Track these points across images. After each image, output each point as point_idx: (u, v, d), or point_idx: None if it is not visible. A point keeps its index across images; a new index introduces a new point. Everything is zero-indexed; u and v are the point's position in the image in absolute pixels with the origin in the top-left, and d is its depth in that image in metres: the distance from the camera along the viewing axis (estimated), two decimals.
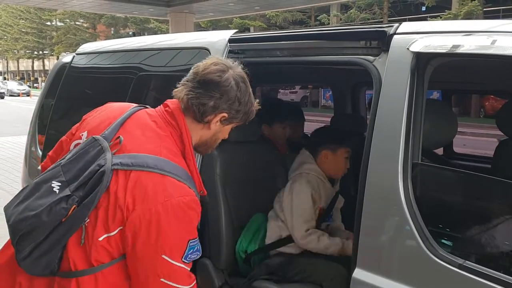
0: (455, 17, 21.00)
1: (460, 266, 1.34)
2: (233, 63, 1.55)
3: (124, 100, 2.53)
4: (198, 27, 31.13)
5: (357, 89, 3.90)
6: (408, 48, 1.52)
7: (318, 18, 30.30)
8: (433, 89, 3.75)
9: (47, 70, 51.91)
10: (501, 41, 1.37)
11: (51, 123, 3.30)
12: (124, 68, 2.84)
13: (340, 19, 30.49)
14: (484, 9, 21.74)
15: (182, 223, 1.36)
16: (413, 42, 1.52)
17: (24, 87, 43.06)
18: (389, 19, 27.48)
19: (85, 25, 42.74)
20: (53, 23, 46.17)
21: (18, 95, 39.45)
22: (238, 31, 2.29)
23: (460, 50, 1.44)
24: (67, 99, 3.22)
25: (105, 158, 1.35)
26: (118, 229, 1.35)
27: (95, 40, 38.01)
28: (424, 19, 24.89)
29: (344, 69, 2.63)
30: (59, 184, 1.35)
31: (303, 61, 2.02)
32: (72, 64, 3.22)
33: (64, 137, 1.66)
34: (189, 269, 1.41)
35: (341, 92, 4.04)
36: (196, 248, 1.41)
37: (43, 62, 53.67)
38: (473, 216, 1.60)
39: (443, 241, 1.53)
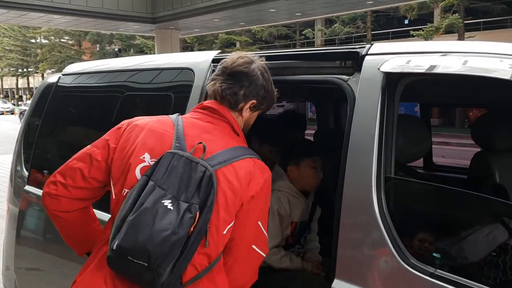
0: (437, 30, 21.47)
1: (432, 275, 1.41)
2: (254, 56, 1.72)
3: (110, 119, 2.59)
4: (184, 43, 31.29)
5: (338, 104, 4.00)
6: (378, 68, 1.61)
7: (303, 32, 30.77)
8: (411, 102, 3.87)
9: (32, 87, 51.55)
10: (471, 61, 1.47)
11: (37, 142, 3.32)
12: (111, 88, 2.89)
13: (325, 33, 30.97)
14: (465, 22, 22.24)
15: (270, 195, 1.62)
16: (383, 62, 1.61)
17: (8, 105, 42.73)
18: (372, 32, 27.99)
19: (70, 42, 42.65)
20: (38, 40, 46.00)
21: (2, 113, 39.14)
22: (221, 51, 2.36)
23: (428, 70, 1.53)
24: (53, 119, 3.26)
25: (204, 164, 1.46)
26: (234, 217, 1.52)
27: (80, 57, 38.02)
28: (407, 32, 25.39)
29: (326, 86, 2.72)
30: (170, 201, 1.42)
31: (284, 80, 2.09)
32: (58, 84, 3.26)
33: (81, 164, 1.66)
34: None
35: (324, 107, 4.15)
36: None
37: (28, 79, 53.28)
38: (443, 227, 1.68)
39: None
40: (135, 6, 18.75)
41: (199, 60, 2.31)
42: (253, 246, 1.57)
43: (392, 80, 1.61)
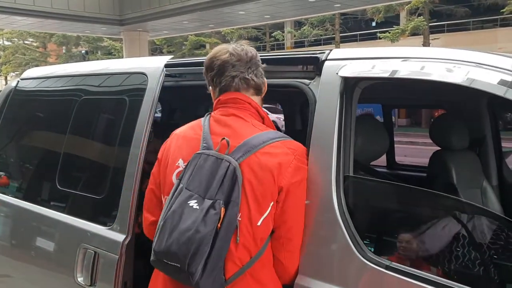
0: (403, 32, 22.04)
1: (387, 267, 1.50)
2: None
3: (67, 123, 2.68)
4: (153, 45, 31.01)
5: (305, 106, 4.09)
6: (337, 73, 1.69)
7: (273, 34, 30.98)
8: (373, 104, 4.02)
9: None
10: (428, 67, 1.56)
11: None
12: (68, 92, 2.92)
13: (294, 36, 31.28)
14: (430, 24, 22.89)
15: (306, 171, 1.62)
16: (341, 67, 1.69)
17: None
18: (340, 35, 28.45)
19: (35, 44, 41.54)
20: (0, 42, 44.61)
21: None
22: (174, 56, 2.43)
23: (383, 74, 1.62)
24: (11, 124, 3.24)
25: (228, 159, 1.49)
26: (270, 205, 1.51)
27: (45, 59, 37.06)
28: (374, 34, 25.93)
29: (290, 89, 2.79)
30: (195, 201, 1.46)
31: None
32: (16, 88, 3.24)
33: (151, 188, 1.78)
34: None
35: (291, 109, 4.24)
36: None
37: None
38: (398, 222, 1.78)
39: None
40: (102, 8, 18.47)
41: (152, 65, 2.38)
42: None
43: (350, 84, 1.69)
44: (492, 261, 1.64)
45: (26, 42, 41.22)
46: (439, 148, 2.89)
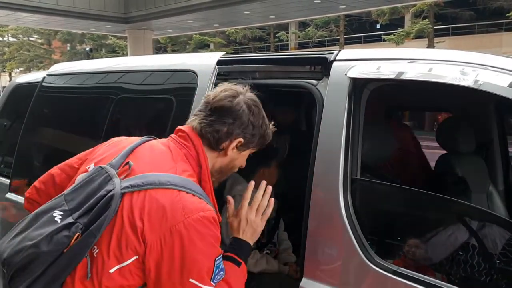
0: (408, 34, 21.98)
1: (395, 272, 1.47)
2: (243, 88, 1.52)
3: (103, 122, 2.52)
4: (157, 44, 31.01)
5: (311, 107, 4.06)
6: (345, 74, 1.67)
7: (277, 35, 30.97)
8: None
9: None
10: (436, 69, 1.54)
11: (20, 146, 3.14)
12: (103, 90, 2.76)
13: (299, 37, 31.23)
14: (435, 27, 22.82)
15: (206, 240, 1.28)
16: (350, 68, 1.67)
17: None
18: (345, 36, 28.39)
19: (39, 41, 41.63)
20: (5, 38, 44.71)
21: None
22: (226, 53, 2.27)
23: (393, 76, 1.59)
24: (38, 121, 3.10)
25: (113, 183, 1.28)
26: (133, 259, 1.26)
27: (50, 56, 37.13)
28: (379, 36, 25.86)
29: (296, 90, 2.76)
30: (61, 213, 1.28)
31: (256, 84, 2.12)
32: (43, 84, 3.10)
33: (57, 171, 1.59)
34: None
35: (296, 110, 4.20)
36: (221, 266, 1.34)
37: None
38: (405, 226, 1.75)
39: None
40: (107, 5, 18.46)
41: (203, 62, 2.24)
42: None
43: (358, 85, 1.67)
44: (502, 268, 1.62)
45: (31, 38, 41.31)
46: (443, 152, 2.86)
